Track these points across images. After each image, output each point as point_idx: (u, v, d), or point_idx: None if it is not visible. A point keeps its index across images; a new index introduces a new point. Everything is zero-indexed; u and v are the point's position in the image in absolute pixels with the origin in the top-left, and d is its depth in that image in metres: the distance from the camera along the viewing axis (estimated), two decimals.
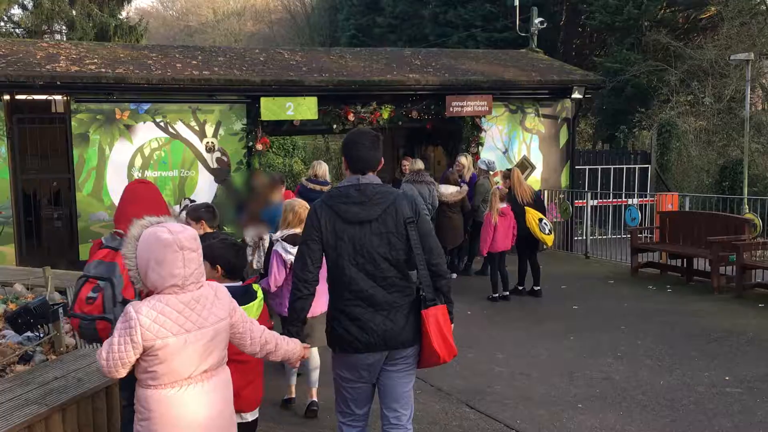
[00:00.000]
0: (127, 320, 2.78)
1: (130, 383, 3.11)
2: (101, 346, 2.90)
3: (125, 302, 3.55)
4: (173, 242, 2.84)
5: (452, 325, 3.58)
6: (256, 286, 3.75)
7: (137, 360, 2.83)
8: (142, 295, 3.17)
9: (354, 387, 3.55)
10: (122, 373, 2.83)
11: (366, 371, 3.50)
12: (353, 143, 3.51)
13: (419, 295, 3.50)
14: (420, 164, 10.23)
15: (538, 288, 9.51)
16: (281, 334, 3.35)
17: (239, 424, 3.41)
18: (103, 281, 3.58)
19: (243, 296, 3.56)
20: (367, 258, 3.40)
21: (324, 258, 3.50)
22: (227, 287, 3.25)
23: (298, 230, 4.98)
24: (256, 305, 3.67)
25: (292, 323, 3.48)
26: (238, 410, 3.39)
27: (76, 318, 3.53)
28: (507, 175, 9.60)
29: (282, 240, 5.14)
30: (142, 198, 3.85)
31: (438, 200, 9.90)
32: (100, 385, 3.98)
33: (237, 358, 3.36)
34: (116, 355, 2.78)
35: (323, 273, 3.56)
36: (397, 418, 3.59)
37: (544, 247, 9.44)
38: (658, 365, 6.36)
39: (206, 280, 3.40)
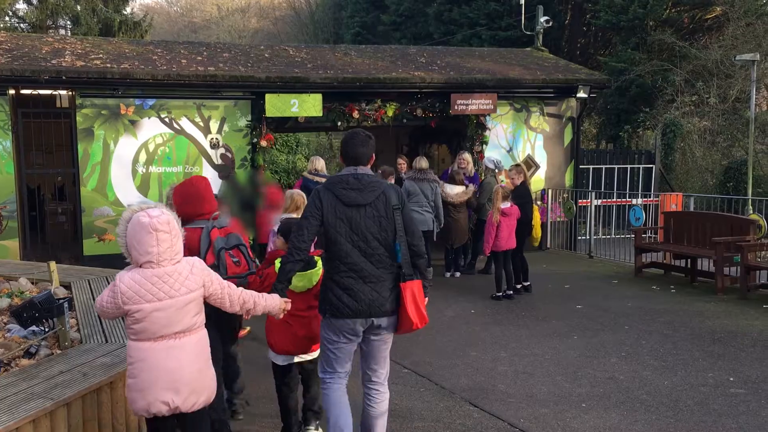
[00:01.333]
0: (114, 286, 3.41)
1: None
2: None
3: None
4: (148, 225, 3.39)
5: (426, 298, 4.18)
6: (317, 258, 4.39)
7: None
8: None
9: (338, 348, 4.10)
10: (107, 318, 3.74)
11: (349, 335, 4.06)
12: (348, 142, 4.14)
13: (400, 271, 4.07)
14: (424, 163, 10.22)
15: (528, 283, 9.53)
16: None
17: (308, 361, 4.59)
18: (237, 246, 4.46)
19: (306, 265, 4.28)
20: (361, 236, 3.98)
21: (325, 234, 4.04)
22: None
23: (295, 215, 5.79)
24: (315, 272, 4.39)
25: (280, 281, 4.05)
26: (302, 352, 4.53)
27: (233, 279, 4.12)
28: (520, 170, 9.60)
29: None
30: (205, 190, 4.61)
31: (443, 200, 9.91)
32: (105, 379, 3.99)
33: (298, 314, 4.36)
34: (104, 308, 3.46)
35: None
36: (377, 376, 4.20)
37: (539, 245, 9.57)
38: (662, 365, 6.36)
39: (280, 251, 4.51)
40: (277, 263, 4.27)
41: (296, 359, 4.58)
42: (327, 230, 3.98)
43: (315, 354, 4.56)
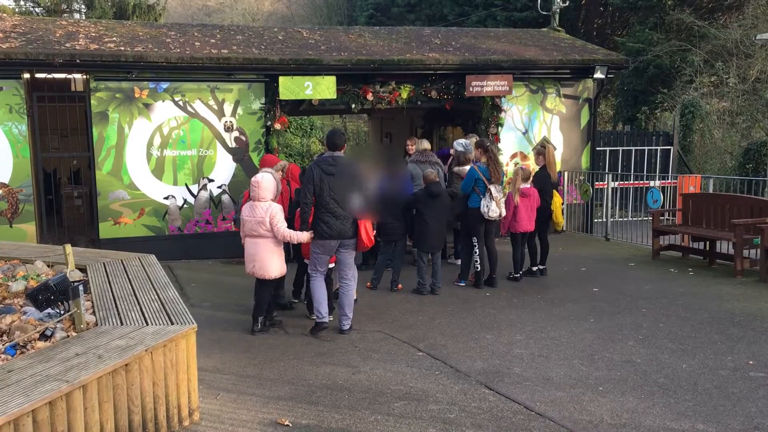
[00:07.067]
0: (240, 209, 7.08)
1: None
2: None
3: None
4: (252, 182, 6.75)
5: (374, 231, 7.11)
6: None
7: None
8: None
9: (320, 256, 6.85)
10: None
11: (327, 249, 6.80)
12: (331, 136, 6.92)
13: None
14: (425, 144, 10.11)
15: (544, 267, 9.45)
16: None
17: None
18: None
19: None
20: (336, 192, 6.65)
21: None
22: None
23: None
24: None
25: (304, 221, 6.84)
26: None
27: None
28: (541, 151, 9.49)
29: None
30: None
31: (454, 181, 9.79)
32: (120, 362, 3.98)
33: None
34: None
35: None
36: (346, 274, 6.94)
37: (562, 229, 9.31)
38: (680, 348, 6.29)
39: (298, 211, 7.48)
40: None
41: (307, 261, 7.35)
42: (316, 189, 6.65)
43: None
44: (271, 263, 6.73)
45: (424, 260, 8.61)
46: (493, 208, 8.48)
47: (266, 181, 6.66)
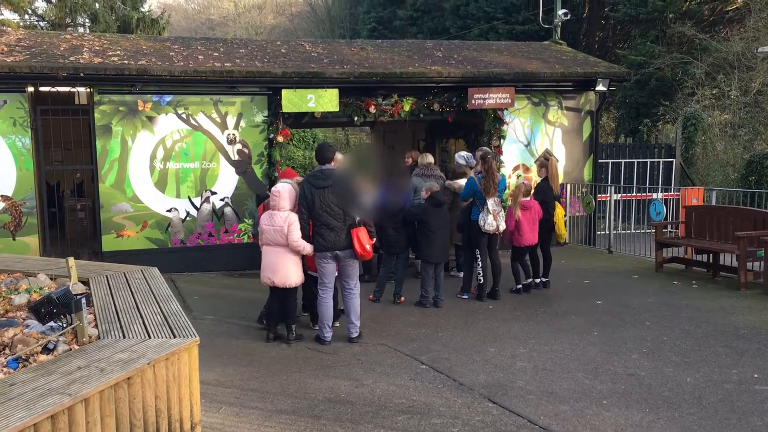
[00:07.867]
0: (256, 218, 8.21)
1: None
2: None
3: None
4: (272, 191, 7.01)
5: (373, 239, 7.04)
6: None
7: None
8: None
9: (324, 266, 6.97)
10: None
11: (328, 258, 6.93)
12: (320, 149, 7.05)
13: (351, 223, 6.87)
14: (429, 158, 10.10)
15: (547, 279, 9.42)
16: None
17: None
18: None
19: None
20: (327, 205, 6.80)
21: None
22: None
23: None
24: None
25: (304, 237, 6.89)
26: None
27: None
28: (543, 163, 9.50)
29: None
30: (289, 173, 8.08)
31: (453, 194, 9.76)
32: (123, 375, 3.97)
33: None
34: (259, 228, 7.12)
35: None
36: (348, 284, 7.09)
37: (565, 241, 9.29)
38: (684, 362, 6.26)
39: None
40: None
41: (313, 273, 7.40)
42: (309, 204, 6.84)
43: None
44: (292, 272, 6.97)
45: (429, 272, 8.58)
46: (489, 221, 8.45)
47: (286, 191, 6.95)
